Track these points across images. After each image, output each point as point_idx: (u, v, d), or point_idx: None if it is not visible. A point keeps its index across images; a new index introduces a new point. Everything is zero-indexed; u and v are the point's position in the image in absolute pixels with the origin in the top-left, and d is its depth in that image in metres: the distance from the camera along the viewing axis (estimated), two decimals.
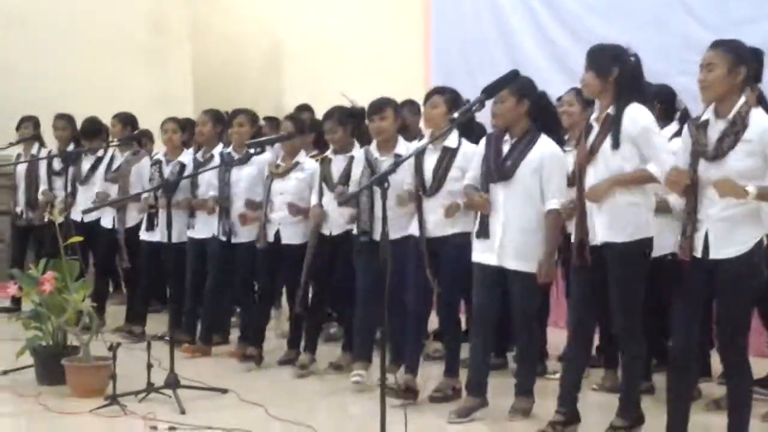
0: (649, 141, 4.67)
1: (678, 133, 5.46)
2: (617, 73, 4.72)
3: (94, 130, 8.52)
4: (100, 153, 8.40)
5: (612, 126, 4.71)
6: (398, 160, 4.68)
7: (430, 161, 5.67)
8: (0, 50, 10.61)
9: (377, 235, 5.89)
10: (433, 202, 5.64)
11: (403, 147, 6.03)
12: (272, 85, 11.33)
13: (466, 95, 5.90)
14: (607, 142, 4.71)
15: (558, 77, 8.33)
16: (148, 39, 11.64)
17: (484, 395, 5.38)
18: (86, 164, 8.43)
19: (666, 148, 4.72)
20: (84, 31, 11.22)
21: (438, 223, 5.62)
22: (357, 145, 6.45)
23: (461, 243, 5.56)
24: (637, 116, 4.69)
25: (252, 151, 6.63)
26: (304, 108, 8.22)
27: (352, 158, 6.33)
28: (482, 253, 5.30)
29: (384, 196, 4.25)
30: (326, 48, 10.90)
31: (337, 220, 6.37)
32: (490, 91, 4.49)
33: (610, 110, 4.74)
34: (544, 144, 5.23)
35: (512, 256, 5.19)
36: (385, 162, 5.92)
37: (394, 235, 5.29)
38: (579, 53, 8.13)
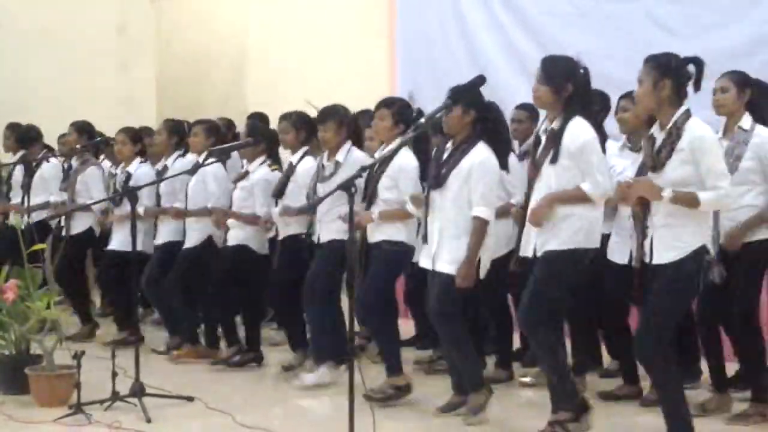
0: (586, 158, 4.70)
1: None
2: (571, 89, 4.76)
3: (30, 138, 8.50)
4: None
5: (554, 141, 4.75)
6: (365, 166, 4.71)
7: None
8: None
9: (322, 237, 6.15)
10: (371, 210, 5.77)
11: (343, 155, 6.11)
12: (237, 90, 11.28)
13: (432, 100, 5.96)
14: (548, 157, 4.76)
15: (520, 82, 8.37)
16: (112, 44, 11.56)
17: (466, 392, 5.42)
18: (19, 174, 8.46)
19: (602, 168, 4.75)
20: (48, 35, 11.10)
21: (372, 228, 5.77)
22: (300, 153, 6.54)
23: (389, 250, 5.72)
24: (578, 132, 4.72)
25: (200, 160, 6.79)
26: (257, 116, 8.21)
27: (290, 164, 6.55)
28: (424, 258, 5.39)
29: (351, 201, 4.28)
30: (291, 54, 10.87)
31: (282, 224, 6.56)
32: (456, 96, 4.51)
33: (555, 124, 4.79)
34: (477, 152, 5.22)
35: (443, 259, 5.24)
36: (327, 167, 6.14)
37: (338, 235, 5.92)
38: (538, 56, 8.30)
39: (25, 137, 8.60)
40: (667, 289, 4.32)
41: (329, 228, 6.09)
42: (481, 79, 4.60)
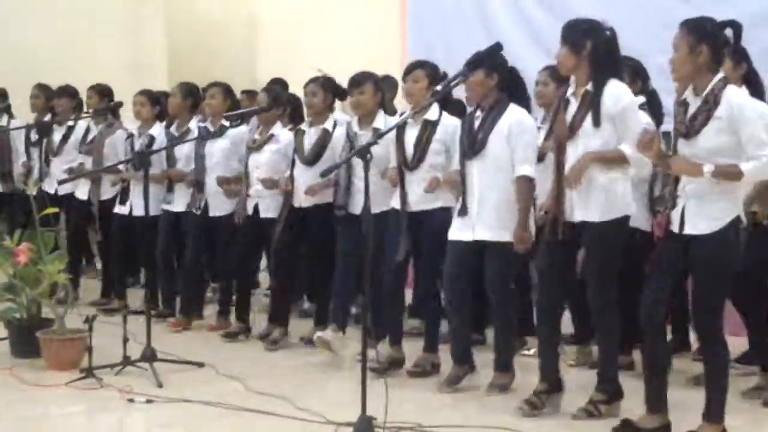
0: (627, 121, 4.66)
1: (643, 106, 5.50)
2: (590, 47, 4.69)
3: (69, 94, 8.43)
4: (70, 123, 8.30)
5: (592, 103, 4.69)
6: (380, 132, 4.68)
7: (411, 135, 5.68)
8: None
9: (355, 209, 5.96)
10: (415, 176, 5.65)
11: (382, 121, 6.02)
12: (247, 57, 11.25)
13: (443, 68, 5.90)
14: (588, 120, 4.69)
15: (533, 52, 8.31)
16: (123, 9, 11.50)
17: (471, 362, 5.44)
18: (57, 135, 8.33)
19: (642, 130, 4.69)
20: (58, 1, 11.06)
21: (420, 197, 5.64)
22: (332, 119, 6.44)
23: (443, 217, 5.59)
24: (619, 94, 4.68)
25: (227, 124, 6.67)
26: (278, 81, 8.18)
27: (325, 131, 6.34)
28: (458, 231, 5.31)
29: (366, 168, 4.25)
30: (302, 21, 10.81)
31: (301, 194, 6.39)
32: (474, 64, 4.48)
33: (589, 86, 4.72)
34: (512, 112, 5.20)
35: (488, 227, 5.19)
36: (363, 136, 5.92)
37: (375, 209, 5.35)
38: (555, 29, 8.21)
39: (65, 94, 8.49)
40: (711, 260, 4.24)
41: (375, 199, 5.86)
42: (497, 46, 4.56)
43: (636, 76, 5.81)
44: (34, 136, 8.54)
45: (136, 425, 5.08)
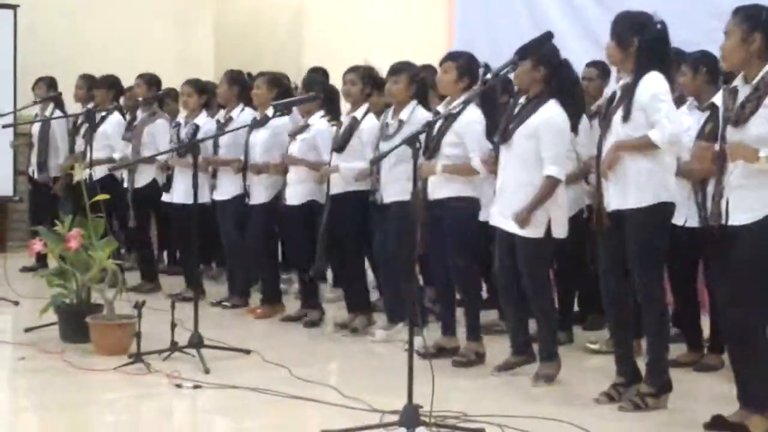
0: (655, 107, 4.62)
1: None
2: (637, 43, 4.67)
3: (108, 84, 8.53)
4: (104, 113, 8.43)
5: (625, 96, 4.68)
6: (430, 120, 4.67)
7: (436, 125, 5.70)
8: (24, 11, 10.56)
9: (386, 198, 6.09)
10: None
11: (407, 113, 6.04)
12: (293, 47, 11.27)
13: (490, 59, 5.88)
14: (619, 112, 4.68)
15: (582, 44, 8.27)
16: (171, 0, 11.59)
17: (530, 353, 5.45)
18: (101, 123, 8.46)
19: (671, 116, 4.66)
20: None
21: (435, 185, 5.68)
22: (364, 108, 6.51)
23: (461, 207, 5.64)
24: (649, 84, 4.64)
25: (269, 114, 6.72)
26: (317, 70, 8.18)
27: (354, 119, 6.44)
28: (494, 216, 5.35)
29: (415, 156, 4.25)
30: (348, 11, 10.82)
31: (338, 180, 6.46)
32: (524, 53, 4.46)
33: (629, 78, 4.71)
34: (546, 109, 5.16)
35: (508, 217, 5.20)
36: (391, 126, 6.06)
37: (402, 197, 5.67)
38: (604, 20, 8.14)
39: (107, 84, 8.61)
40: (751, 251, 4.18)
41: (393, 188, 6.02)
42: (548, 35, 4.53)
43: (697, 67, 5.72)
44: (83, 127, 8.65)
45: (183, 410, 5.12)
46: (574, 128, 5.30)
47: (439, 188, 5.68)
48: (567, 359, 5.50)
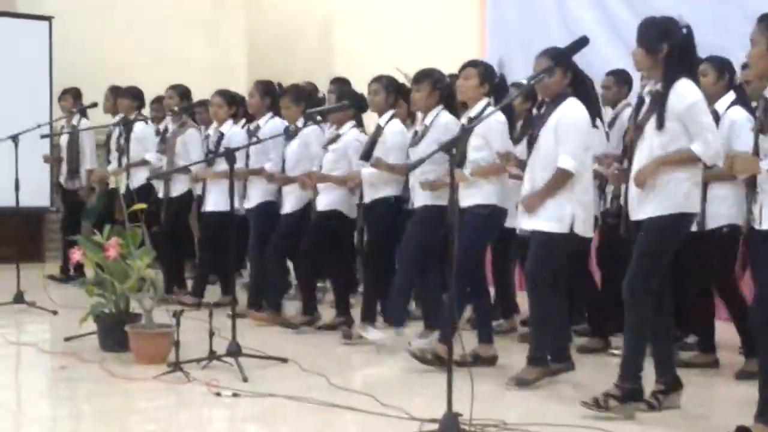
0: (696, 119, 4.59)
1: (736, 102, 5.47)
2: (666, 50, 4.65)
3: (131, 94, 8.63)
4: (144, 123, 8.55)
5: (658, 103, 4.65)
6: (467, 127, 4.67)
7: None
8: (60, 22, 10.69)
9: (415, 203, 6.15)
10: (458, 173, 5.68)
11: (430, 119, 6.06)
12: (324, 56, 11.32)
13: (522, 66, 5.91)
14: (653, 119, 4.65)
15: (614, 51, 8.24)
16: (205, 11, 11.70)
17: (569, 359, 5.44)
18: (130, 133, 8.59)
19: (712, 128, 4.64)
20: (142, 3, 11.29)
21: (462, 193, 5.71)
22: (389, 114, 6.55)
23: (478, 214, 5.67)
24: (685, 92, 4.61)
25: (300, 125, 6.84)
26: (340, 80, 8.19)
27: (378, 126, 6.51)
28: (522, 220, 5.33)
29: (452, 162, 4.26)
30: (379, 21, 10.85)
31: (366, 189, 6.52)
32: (560, 59, 4.45)
33: (658, 86, 4.69)
34: (565, 105, 5.17)
35: (536, 216, 5.18)
36: (419, 132, 6.11)
37: (430, 201, 5.86)
38: (636, 25, 8.18)
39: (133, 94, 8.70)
40: None
41: (423, 193, 6.07)
42: (584, 40, 4.52)
43: (723, 71, 5.77)
44: (115, 137, 8.77)
45: (222, 419, 5.12)
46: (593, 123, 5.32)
47: (466, 196, 5.70)
48: (599, 367, 5.47)
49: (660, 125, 4.60)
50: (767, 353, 4.27)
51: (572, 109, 5.15)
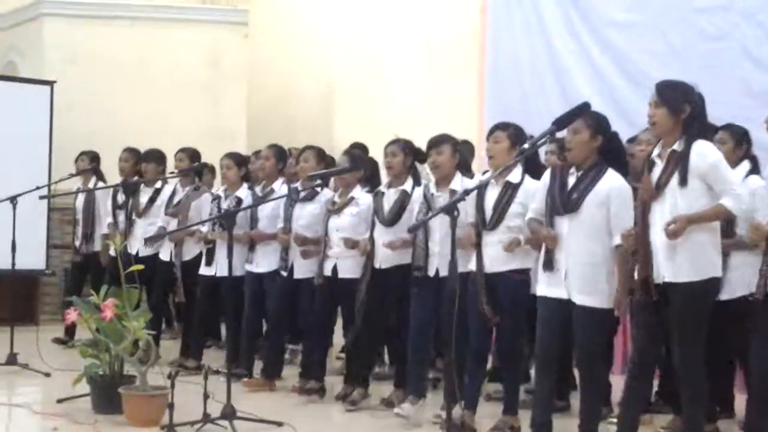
0: (720, 175, 4.62)
1: (752, 171, 5.49)
2: (689, 110, 4.68)
3: (156, 158, 8.61)
4: (158, 185, 8.48)
5: (680, 162, 4.65)
6: (467, 189, 4.68)
7: (491, 196, 5.68)
8: (62, 85, 10.76)
9: (431, 271, 6.00)
10: (493, 237, 5.64)
11: (459, 183, 6.04)
12: (325, 122, 11.39)
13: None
14: (675, 178, 4.65)
15: (614, 121, 8.25)
16: (205, 76, 11.79)
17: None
18: (144, 197, 8.51)
19: (738, 182, 4.67)
20: (143, 67, 11.41)
21: (496, 258, 5.62)
22: (411, 181, 6.46)
23: (520, 279, 5.59)
24: (705, 152, 4.64)
25: (318, 188, 6.81)
26: (358, 146, 8.23)
27: (404, 192, 6.38)
28: (548, 287, 5.17)
29: (453, 225, 4.24)
30: (379, 86, 10.95)
31: (387, 253, 6.34)
32: (561, 123, 4.47)
33: (677, 146, 4.69)
34: (612, 178, 5.09)
35: (577, 290, 5.06)
36: (440, 198, 5.99)
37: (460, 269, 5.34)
38: (633, 95, 8.26)
39: (153, 157, 8.66)
40: None
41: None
42: (585, 105, 4.54)
43: (741, 140, 5.82)
44: (120, 198, 8.70)
45: None
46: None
47: (501, 260, 5.62)
48: None
49: (683, 182, 4.60)
50: None
51: (621, 182, 5.08)
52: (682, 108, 4.68)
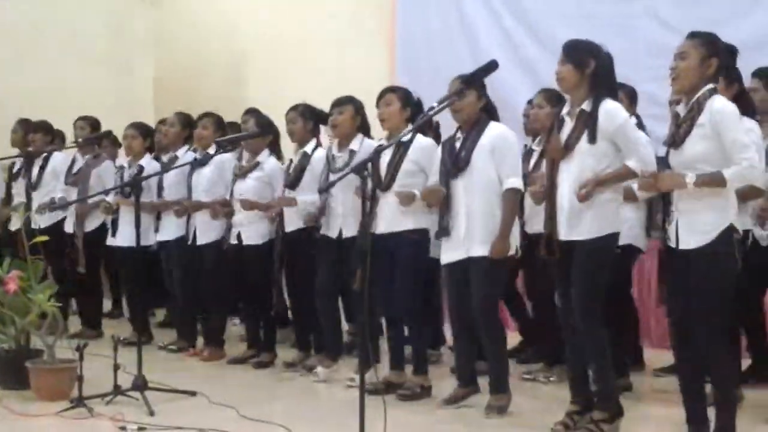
0: (627, 136, 4.64)
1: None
2: (594, 66, 4.69)
3: (44, 128, 8.39)
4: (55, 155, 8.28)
5: (588, 122, 4.68)
6: (378, 148, 4.63)
7: (385, 157, 5.69)
8: None
9: (332, 232, 6.08)
10: (388, 197, 5.66)
11: (358, 144, 6.07)
12: (234, 92, 11.22)
13: (431, 97, 5.89)
14: (584, 137, 4.67)
15: (524, 83, 8.35)
16: (111, 46, 11.55)
17: (475, 383, 5.43)
18: (35, 169, 8.29)
19: (644, 142, 4.70)
20: (47, 38, 11.11)
21: (392, 218, 5.65)
22: (313, 143, 6.52)
23: (415, 240, 5.63)
24: (613, 112, 4.65)
25: (212, 151, 6.74)
26: (252, 111, 8.06)
27: (304, 153, 6.46)
28: (446, 253, 5.31)
29: (364, 185, 4.21)
30: (289, 54, 10.81)
31: (292, 218, 6.43)
32: (470, 81, 4.45)
33: (585, 106, 4.70)
34: (494, 128, 5.26)
35: (478, 242, 5.17)
36: (340, 158, 6.07)
37: (352, 231, 5.77)
38: (542, 57, 8.31)
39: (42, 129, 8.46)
40: (705, 274, 4.20)
41: (351, 223, 5.97)
42: (494, 64, 4.51)
43: (632, 100, 5.96)
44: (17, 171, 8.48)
45: None
46: None
47: (397, 220, 5.64)
48: (518, 389, 5.49)
49: (592, 140, 4.62)
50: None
51: (501, 129, 5.26)
52: (586, 62, 4.69)
